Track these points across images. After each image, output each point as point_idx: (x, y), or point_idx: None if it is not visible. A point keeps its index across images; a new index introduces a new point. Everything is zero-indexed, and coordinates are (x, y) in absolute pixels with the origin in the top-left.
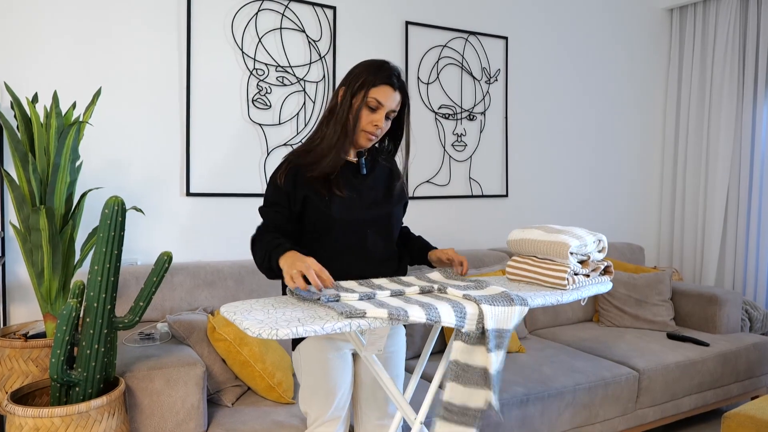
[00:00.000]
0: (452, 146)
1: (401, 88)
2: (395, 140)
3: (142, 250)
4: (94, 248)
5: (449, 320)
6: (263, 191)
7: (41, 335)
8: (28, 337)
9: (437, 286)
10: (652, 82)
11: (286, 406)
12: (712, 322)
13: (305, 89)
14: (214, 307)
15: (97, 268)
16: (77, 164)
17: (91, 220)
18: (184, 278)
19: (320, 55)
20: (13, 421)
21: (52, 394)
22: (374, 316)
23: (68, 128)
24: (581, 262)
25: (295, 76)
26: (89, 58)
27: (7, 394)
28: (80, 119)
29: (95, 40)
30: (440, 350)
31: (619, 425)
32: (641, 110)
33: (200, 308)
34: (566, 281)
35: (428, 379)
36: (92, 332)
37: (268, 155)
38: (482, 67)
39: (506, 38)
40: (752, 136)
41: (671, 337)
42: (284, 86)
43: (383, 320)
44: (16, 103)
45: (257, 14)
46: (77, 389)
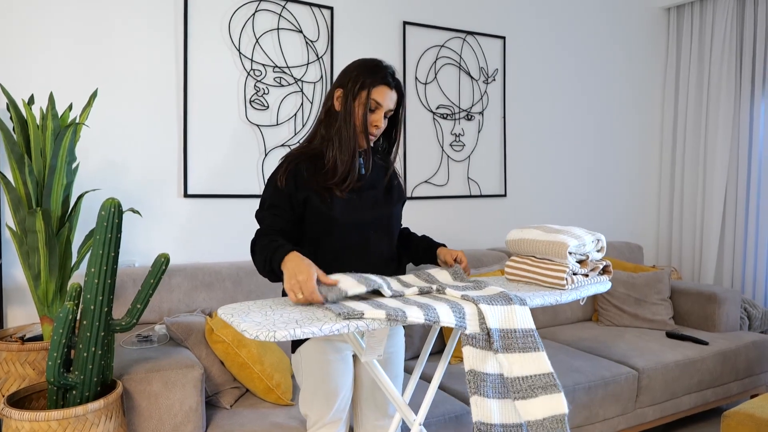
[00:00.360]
0: (450, 146)
1: (397, 87)
2: (390, 139)
3: (139, 251)
4: (90, 250)
5: (448, 320)
6: (261, 192)
7: (38, 338)
8: (24, 340)
9: (436, 286)
10: (649, 80)
11: (284, 407)
12: (711, 320)
13: (303, 90)
14: (212, 308)
15: (93, 270)
16: (74, 166)
17: (88, 222)
18: (181, 280)
19: (318, 55)
20: (9, 425)
21: (49, 397)
22: (372, 317)
23: (64, 130)
24: (580, 261)
25: (292, 76)
26: (85, 59)
27: (3, 397)
28: (76, 121)
29: (91, 41)
30: (439, 350)
31: (618, 424)
32: (639, 109)
33: (198, 310)
34: (565, 281)
35: (427, 379)
36: (89, 335)
37: (265, 156)
38: (480, 66)
39: (504, 38)
40: (750, 134)
41: (670, 336)
42: (282, 87)
43: (381, 321)
44: (12, 104)
45: (254, 15)
46: (74, 392)
